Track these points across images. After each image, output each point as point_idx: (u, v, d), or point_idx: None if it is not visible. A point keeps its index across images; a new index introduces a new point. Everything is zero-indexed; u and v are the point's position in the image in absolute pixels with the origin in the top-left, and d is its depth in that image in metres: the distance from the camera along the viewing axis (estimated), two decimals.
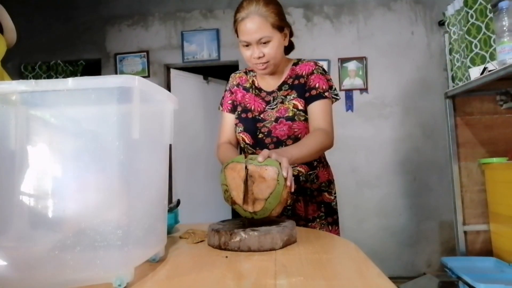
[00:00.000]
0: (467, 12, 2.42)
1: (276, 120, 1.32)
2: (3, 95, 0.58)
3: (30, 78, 3.82)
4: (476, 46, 2.39)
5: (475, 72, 2.26)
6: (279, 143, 1.31)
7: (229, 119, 1.45)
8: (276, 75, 1.40)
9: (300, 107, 1.31)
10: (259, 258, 0.75)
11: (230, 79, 1.51)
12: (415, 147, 3.50)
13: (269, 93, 1.39)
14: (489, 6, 2.35)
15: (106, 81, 0.55)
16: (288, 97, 1.34)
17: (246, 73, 1.48)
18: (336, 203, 1.42)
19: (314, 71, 1.35)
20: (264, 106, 1.37)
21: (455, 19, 2.65)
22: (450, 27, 2.74)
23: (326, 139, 1.23)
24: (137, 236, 0.61)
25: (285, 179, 0.90)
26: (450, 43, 2.77)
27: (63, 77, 3.83)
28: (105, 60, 3.85)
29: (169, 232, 1.02)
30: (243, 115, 1.39)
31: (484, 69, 2.17)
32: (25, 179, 0.58)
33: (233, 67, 3.83)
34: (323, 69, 1.37)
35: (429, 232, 3.46)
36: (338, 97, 1.38)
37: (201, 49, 3.76)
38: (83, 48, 3.87)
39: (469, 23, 2.42)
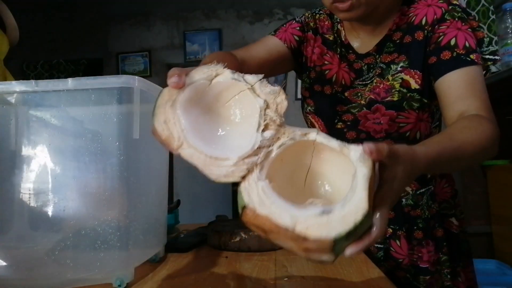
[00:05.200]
0: None
1: (369, 105, 0.80)
2: (3, 95, 0.58)
3: (32, 77, 3.83)
4: None
5: None
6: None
7: (272, 43, 0.89)
8: (374, 25, 0.82)
9: (415, 86, 0.77)
10: (259, 258, 0.75)
11: (304, 17, 0.93)
12: None
13: (361, 57, 0.84)
14: (491, 8, 2.34)
15: (107, 81, 0.56)
16: (392, 66, 0.79)
17: (330, 16, 0.91)
18: (464, 230, 0.87)
19: (447, 16, 0.75)
20: (352, 77, 0.85)
21: None
22: None
23: (496, 139, 0.65)
24: (137, 236, 0.62)
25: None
26: None
27: (65, 76, 3.83)
28: (107, 60, 3.86)
29: (169, 232, 1.02)
30: (317, 87, 0.88)
31: (487, 71, 2.17)
32: (25, 179, 0.58)
33: None
34: (463, 10, 0.76)
35: None
36: (493, 57, 0.76)
37: (203, 49, 3.76)
38: (85, 47, 3.87)
39: None
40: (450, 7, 0.76)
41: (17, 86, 0.56)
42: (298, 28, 0.91)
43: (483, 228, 2.49)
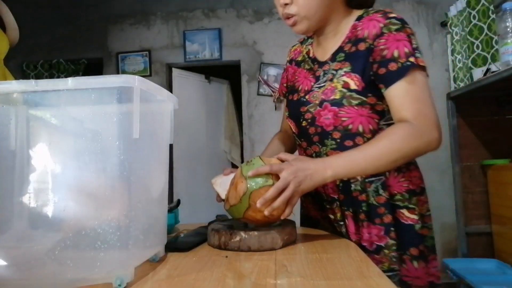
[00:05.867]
0: (470, 13, 2.42)
1: (321, 104, 0.95)
2: (3, 95, 0.58)
3: (32, 77, 3.83)
4: (478, 47, 2.38)
5: (478, 73, 2.26)
6: (324, 135, 0.97)
7: (284, 105, 1.18)
8: (331, 37, 1.01)
9: (354, 87, 0.91)
10: (259, 258, 0.75)
11: (286, 55, 1.21)
12: None
13: (321, 65, 1.02)
14: (491, 7, 2.34)
15: (106, 81, 0.55)
16: (339, 71, 0.95)
17: (302, 42, 1.16)
18: (423, 226, 0.95)
19: (384, 30, 0.89)
20: (312, 83, 1.01)
21: (457, 19, 2.65)
22: (452, 27, 2.74)
23: (415, 136, 0.83)
24: (137, 236, 0.62)
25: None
26: (452, 44, 2.77)
27: (65, 76, 3.84)
28: (107, 59, 3.86)
29: (169, 232, 1.02)
30: (290, 97, 1.08)
31: (487, 70, 2.17)
32: (25, 179, 0.58)
33: (235, 67, 3.83)
34: (400, 21, 0.90)
35: None
36: (422, 56, 0.88)
37: (203, 49, 3.76)
38: (85, 47, 3.87)
39: (471, 24, 2.41)
40: (387, 21, 0.90)
41: (17, 86, 0.56)
42: (285, 76, 1.18)
43: (483, 227, 2.49)
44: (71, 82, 0.55)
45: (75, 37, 3.87)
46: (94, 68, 3.80)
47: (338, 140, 0.95)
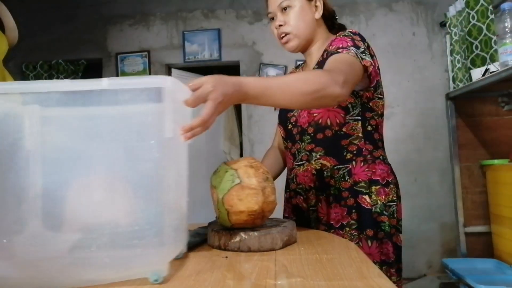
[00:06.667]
0: (469, 13, 2.42)
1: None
2: (17, 96, 0.58)
3: (32, 78, 3.82)
4: (476, 47, 2.38)
5: (477, 74, 2.26)
6: (302, 133, 1.16)
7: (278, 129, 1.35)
8: (314, 55, 1.21)
9: None
10: (259, 258, 0.75)
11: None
12: (416, 148, 3.49)
13: None
14: (490, 8, 2.34)
15: (141, 81, 0.60)
16: None
17: (297, 67, 1.39)
18: (382, 213, 1.09)
19: (337, 36, 1.11)
20: None
21: (456, 20, 2.65)
22: (451, 28, 2.74)
23: (324, 74, 0.90)
24: (170, 232, 0.63)
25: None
26: (451, 44, 2.77)
27: (64, 77, 3.83)
28: (107, 60, 3.85)
29: None
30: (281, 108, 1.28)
31: (486, 70, 2.17)
32: (43, 178, 0.59)
33: (234, 67, 3.83)
34: (351, 33, 1.11)
35: (430, 233, 3.46)
36: (367, 57, 1.04)
37: (202, 49, 3.76)
38: (84, 48, 3.87)
39: (470, 24, 2.41)
40: (341, 32, 1.12)
41: (51, 85, 0.58)
42: None
43: (483, 227, 2.49)
44: (106, 82, 0.56)
45: (74, 38, 3.86)
46: (94, 68, 3.79)
47: (312, 134, 1.13)
